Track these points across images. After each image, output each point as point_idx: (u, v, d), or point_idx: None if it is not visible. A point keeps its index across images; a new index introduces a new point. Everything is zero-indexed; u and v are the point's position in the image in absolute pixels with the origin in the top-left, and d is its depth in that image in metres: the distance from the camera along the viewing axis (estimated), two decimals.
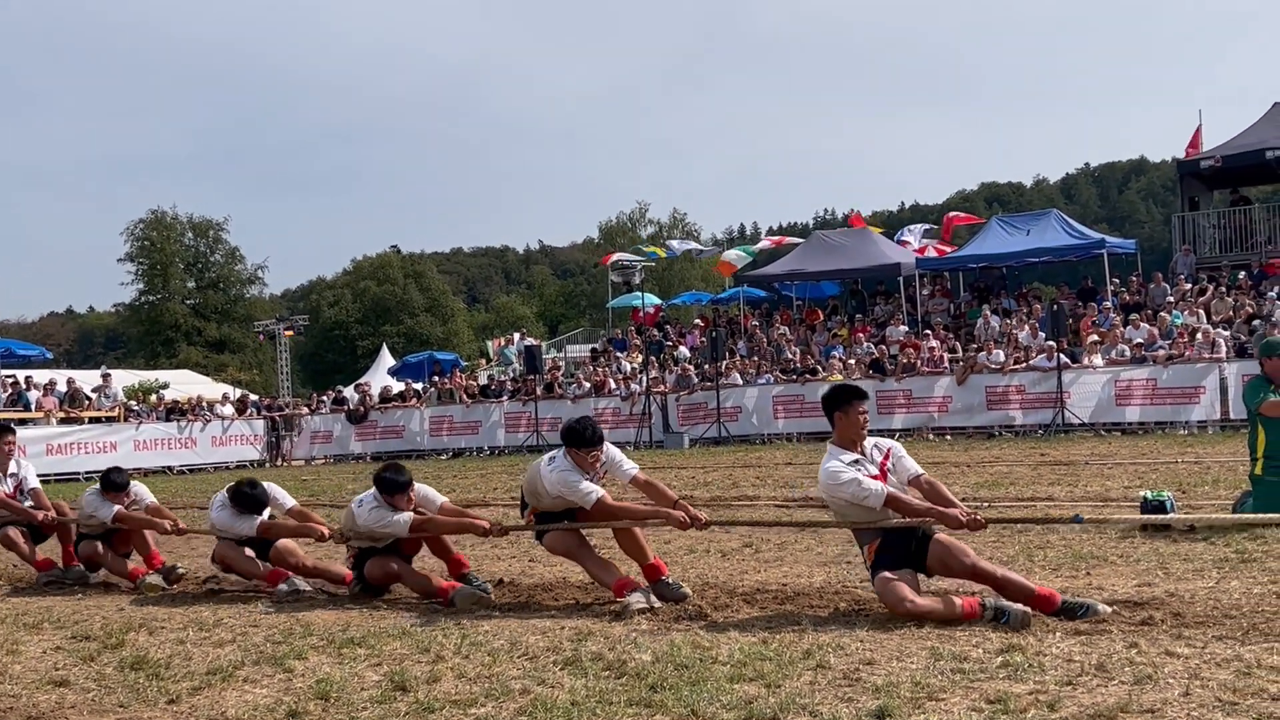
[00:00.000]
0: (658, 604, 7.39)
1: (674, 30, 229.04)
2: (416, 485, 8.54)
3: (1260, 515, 8.72)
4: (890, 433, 24.10)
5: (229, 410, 32.25)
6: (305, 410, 33.86)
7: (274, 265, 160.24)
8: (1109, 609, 6.37)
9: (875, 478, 6.90)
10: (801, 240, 37.03)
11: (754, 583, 8.16)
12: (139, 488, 10.47)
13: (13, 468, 10.77)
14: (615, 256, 42.04)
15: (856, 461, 6.93)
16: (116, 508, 10.00)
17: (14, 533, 10.55)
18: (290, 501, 9.49)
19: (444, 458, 28.70)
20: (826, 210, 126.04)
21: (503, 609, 7.83)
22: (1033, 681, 5.16)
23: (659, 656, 6.02)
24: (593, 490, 7.69)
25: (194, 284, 74.45)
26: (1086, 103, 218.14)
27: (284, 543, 9.16)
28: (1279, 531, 8.72)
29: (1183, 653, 5.48)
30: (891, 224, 49.47)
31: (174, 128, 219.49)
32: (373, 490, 8.47)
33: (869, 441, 7.07)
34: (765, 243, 41.30)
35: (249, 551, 9.17)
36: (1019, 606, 6.25)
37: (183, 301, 73.12)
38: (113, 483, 10.09)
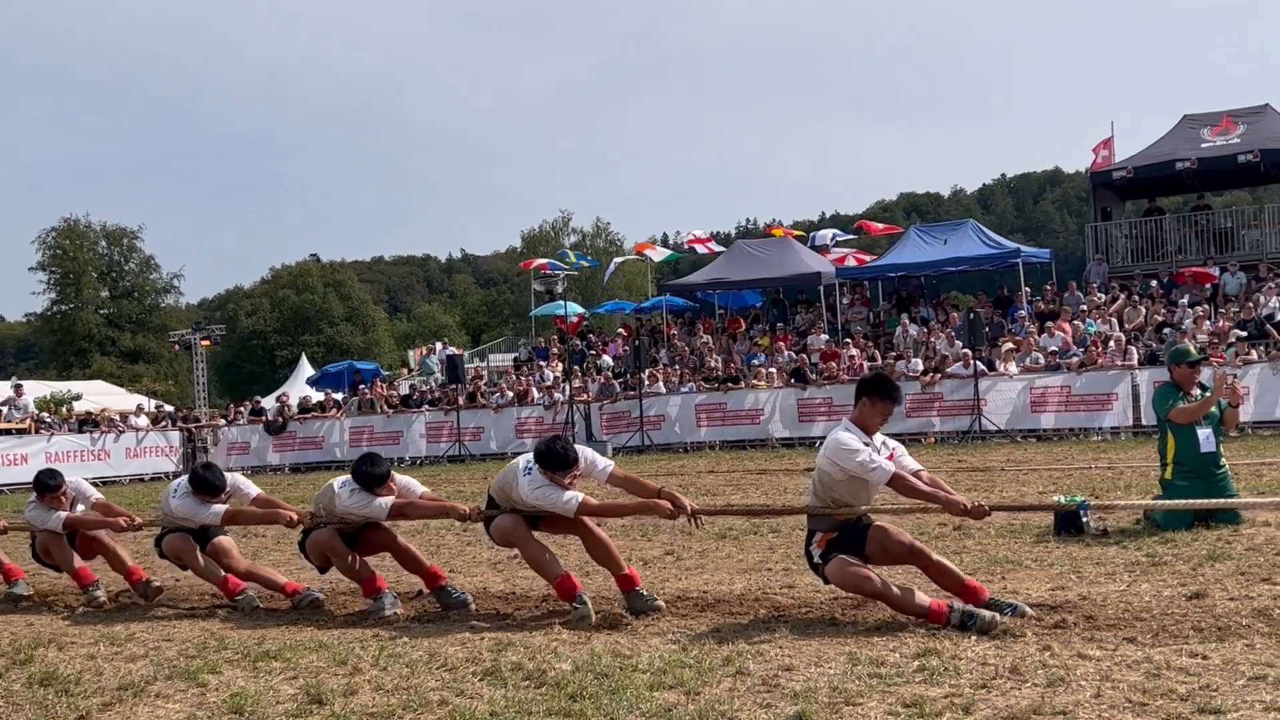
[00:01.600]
0: (591, 614, 7.30)
1: (597, 39, 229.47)
2: (397, 476, 8.34)
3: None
4: (810, 440, 24.32)
5: (143, 421, 31.69)
6: (222, 421, 33.35)
7: (190, 274, 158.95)
8: (1029, 611, 6.48)
9: None
10: (724, 249, 37.23)
11: (675, 590, 8.17)
12: (79, 484, 9.91)
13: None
14: (538, 262, 41.92)
15: (867, 445, 6.90)
16: (62, 513, 9.50)
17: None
18: (254, 490, 9.15)
19: None
20: (748, 220, 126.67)
21: (422, 620, 7.76)
22: (948, 685, 5.22)
23: (579, 665, 6.00)
24: (573, 498, 7.46)
25: (108, 293, 73.14)
26: (1002, 114, 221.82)
27: (222, 542, 8.92)
28: (1188, 535, 8.92)
29: (1094, 655, 5.58)
30: (812, 234, 49.81)
31: (87, 134, 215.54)
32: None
33: (878, 436, 7.04)
34: (689, 237, 41.34)
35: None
36: (987, 612, 6.31)
37: (96, 311, 71.76)
38: (44, 485, 9.57)
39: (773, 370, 26.25)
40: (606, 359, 30.80)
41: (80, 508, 9.82)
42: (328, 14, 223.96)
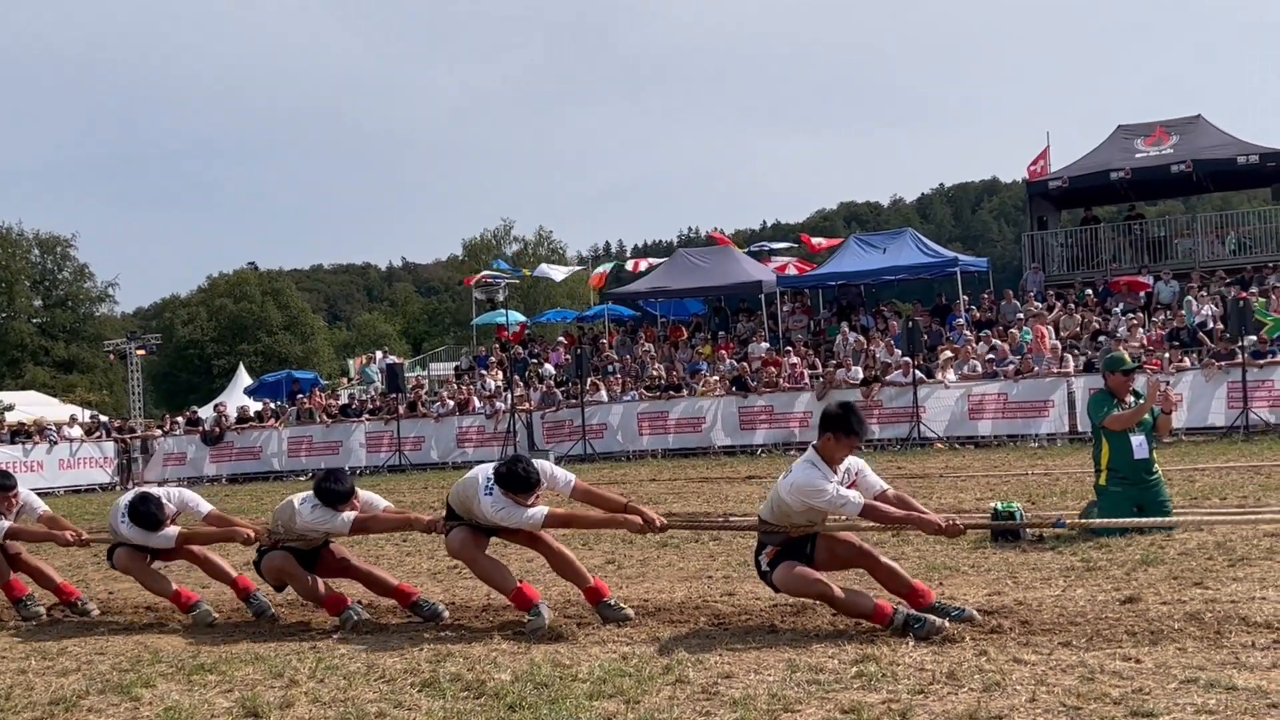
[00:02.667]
0: (551, 619, 7.23)
1: (537, 46, 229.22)
2: (360, 491, 8.14)
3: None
4: (752, 448, 24.42)
5: (77, 432, 31.20)
6: (158, 432, 32.91)
7: (125, 283, 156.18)
8: (977, 614, 6.56)
9: None
10: (665, 259, 37.31)
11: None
12: (29, 496, 9.68)
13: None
14: (479, 275, 41.79)
15: (832, 480, 6.81)
16: (6, 522, 9.25)
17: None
18: (206, 506, 8.88)
19: (303, 479, 28.13)
20: (690, 229, 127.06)
21: (360, 631, 7.68)
22: (886, 691, 5.25)
23: (518, 675, 5.97)
24: (537, 513, 7.33)
25: (41, 302, 71.93)
26: (941, 125, 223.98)
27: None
28: (1122, 540, 9.05)
29: (1030, 660, 5.64)
30: (754, 243, 50.05)
31: (19, 139, 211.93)
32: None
33: (840, 465, 6.96)
34: (629, 265, 41.45)
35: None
36: (933, 618, 6.35)
37: (29, 320, 70.51)
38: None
39: (714, 378, 26.32)
40: (548, 368, 30.74)
41: (25, 519, 9.58)
42: (266, 19, 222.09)
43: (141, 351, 47.93)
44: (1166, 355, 21.90)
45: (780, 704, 5.15)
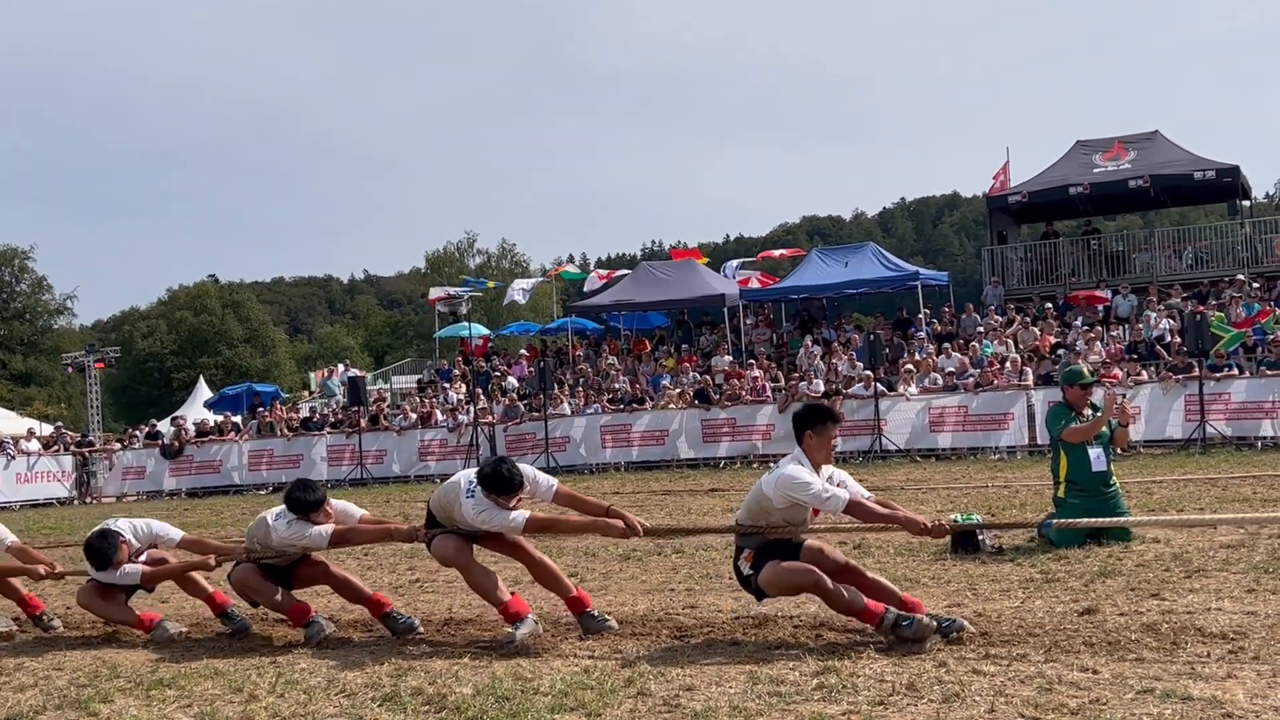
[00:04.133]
0: (539, 631, 7.18)
1: (500, 59, 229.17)
2: (333, 500, 8.05)
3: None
4: (715, 461, 24.45)
5: (35, 446, 30.86)
6: (117, 445, 32.62)
7: (84, 295, 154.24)
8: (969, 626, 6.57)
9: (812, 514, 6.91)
10: (629, 271, 37.34)
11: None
12: None
13: None
14: (437, 292, 41.53)
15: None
16: None
17: None
18: (177, 534, 8.73)
19: (264, 493, 27.94)
20: (654, 242, 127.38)
21: (321, 645, 7.63)
22: (846, 702, 5.28)
23: (480, 689, 5.96)
24: (519, 516, 7.29)
25: None
26: (902, 140, 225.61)
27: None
28: (1081, 551, 9.13)
29: (989, 671, 5.68)
30: (717, 256, 50.21)
31: None
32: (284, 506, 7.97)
33: (825, 469, 6.98)
34: (594, 277, 41.46)
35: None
36: (923, 617, 6.37)
37: None
38: None
39: (677, 391, 26.37)
40: (511, 380, 30.68)
41: None
42: (228, 27, 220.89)
43: (100, 365, 47.56)
44: (1124, 369, 22.11)
45: (741, 716, 5.17)
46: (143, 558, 8.62)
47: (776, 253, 36.27)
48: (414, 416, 28.75)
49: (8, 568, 9.29)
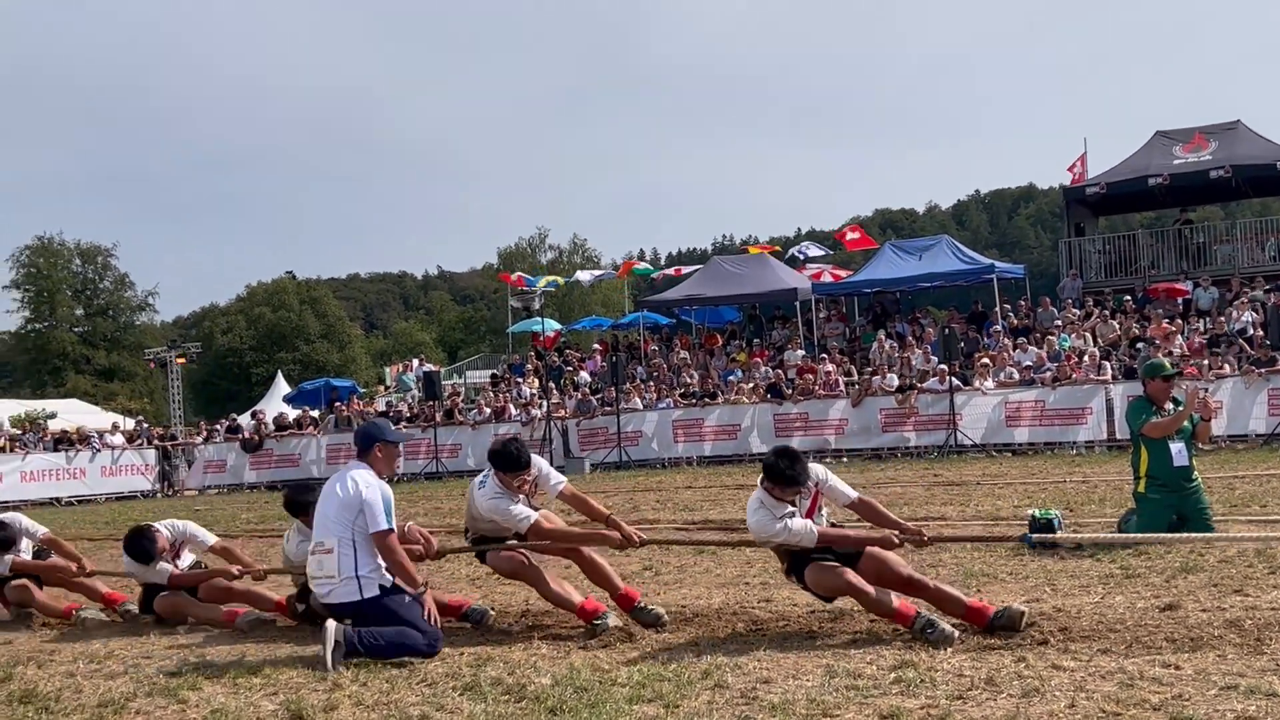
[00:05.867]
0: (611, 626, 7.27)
1: (569, 56, 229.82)
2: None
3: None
4: None
5: (119, 440, 31.53)
6: (198, 439, 33.23)
7: (165, 292, 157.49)
8: (1024, 610, 6.53)
9: (806, 514, 6.94)
10: (700, 266, 37.31)
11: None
12: (22, 522, 9.89)
13: None
14: (516, 276, 41.83)
15: (782, 517, 6.83)
16: (9, 557, 9.47)
17: None
18: (211, 538, 9.04)
19: None
20: (725, 236, 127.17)
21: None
22: (924, 696, 5.27)
23: (558, 680, 6.02)
24: (526, 515, 7.47)
25: (82, 311, 72.81)
26: (977, 131, 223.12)
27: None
28: (1162, 548, 9.00)
29: (1069, 666, 5.64)
30: (789, 250, 50.02)
31: (61, 152, 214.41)
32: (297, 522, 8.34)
33: (813, 471, 6.99)
34: (668, 272, 41.47)
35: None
36: (948, 625, 6.39)
37: (71, 329, 71.45)
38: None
39: (749, 385, 26.32)
40: (584, 375, 30.82)
41: (25, 543, 9.81)
42: (305, 30, 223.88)
43: (182, 360, 48.47)
44: (1206, 362, 21.73)
45: (819, 709, 5.18)
46: (184, 562, 8.94)
47: (849, 235, 35.65)
48: (488, 411, 28.97)
49: (42, 565, 9.72)
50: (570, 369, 32.04)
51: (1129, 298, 27.76)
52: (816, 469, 7.09)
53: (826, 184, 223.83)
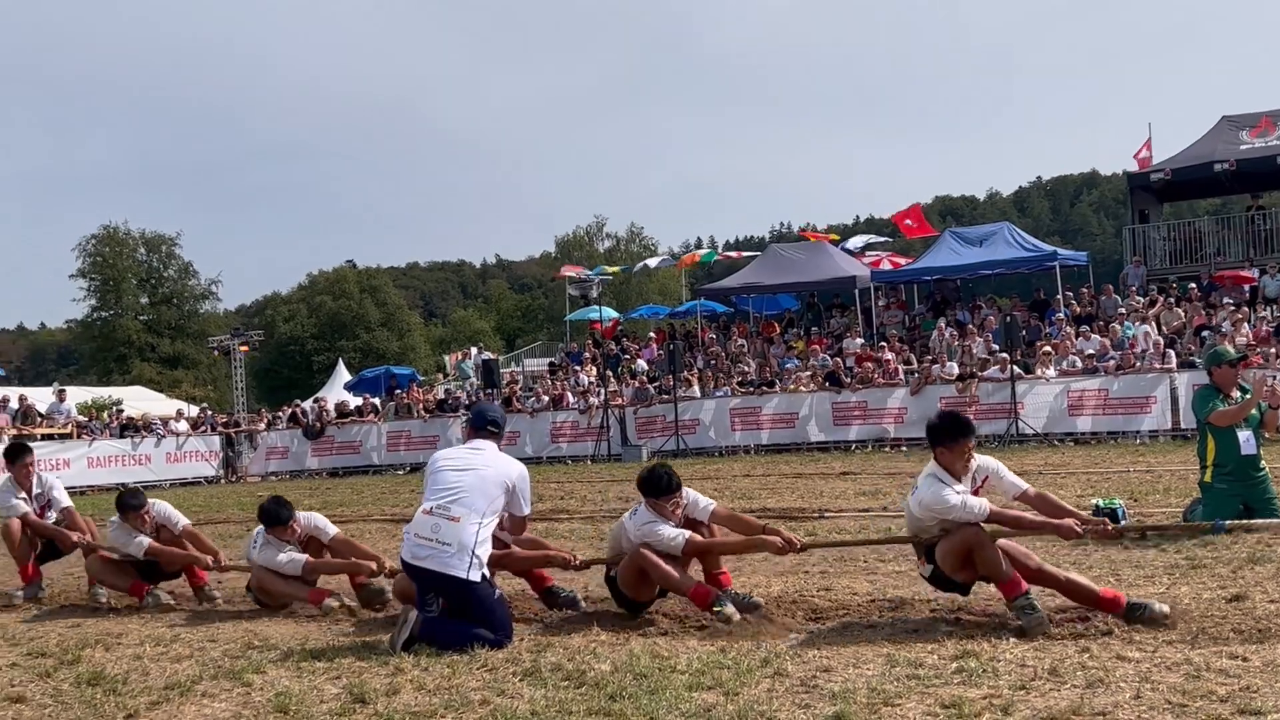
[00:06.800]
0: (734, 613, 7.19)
1: (625, 45, 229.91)
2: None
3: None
4: (846, 444, 24.28)
5: (183, 426, 31.99)
6: (261, 426, 33.64)
7: (228, 280, 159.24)
8: (1166, 609, 6.32)
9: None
10: (758, 254, 37.19)
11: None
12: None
13: (36, 487, 10.41)
14: (568, 270, 41.96)
15: (960, 491, 6.72)
16: (143, 539, 9.47)
17: (16, 527, 10.15)
18: (333, 530, 8.99)
19: (401, 472, 28.58)
20: (782, 224, 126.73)
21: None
22: (987, 686, 5.23)
23: (618, 666, 6.05)
24: (678, 534, 7.39)
25: (147, 300, 73.73)
26: (1038, 116, 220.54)
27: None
28: (1228, 538, 8.87)
29: (1133, 657, 5.58)
30: (846, 237, 49.77)
31: (125, 141, 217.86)
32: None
33: (974, 462, 6.92)
34: (730, 255, 41.44)
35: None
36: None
37: (136, 317, 72.41)
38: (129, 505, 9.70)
39: (807, 374, 26.22)
40: (641, 363, 30.86)
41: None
42: (363, 21, 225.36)
43: (245, 347, 48.99)
44: (1273, 350, 21.36)
45: (880, 698, 5.16)
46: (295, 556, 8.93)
47: (907, 222, 35.29)
48: (546, 399, 29.09)
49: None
50: (628, 357, 32.10)
51: (1194, 285, 27.33)
52: (986, 461, 6.99)
53: (886, 171, 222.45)
